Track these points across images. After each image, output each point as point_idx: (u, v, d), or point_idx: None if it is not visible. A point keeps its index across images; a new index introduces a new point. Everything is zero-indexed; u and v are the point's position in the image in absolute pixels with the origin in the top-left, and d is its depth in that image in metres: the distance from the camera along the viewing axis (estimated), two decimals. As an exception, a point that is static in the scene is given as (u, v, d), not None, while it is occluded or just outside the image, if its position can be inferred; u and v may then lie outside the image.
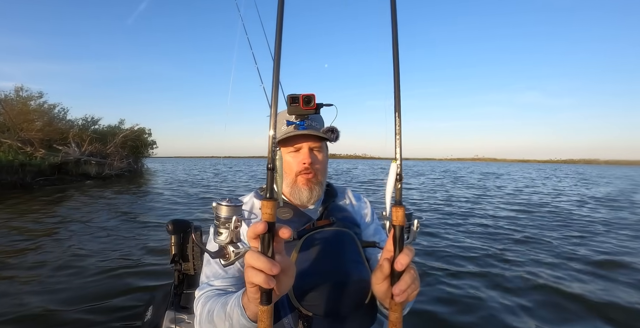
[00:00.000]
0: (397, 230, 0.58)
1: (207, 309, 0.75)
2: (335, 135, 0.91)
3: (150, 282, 3.06)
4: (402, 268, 0.57)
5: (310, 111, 0.86)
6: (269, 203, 0.51)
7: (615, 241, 4.78)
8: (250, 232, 0.52)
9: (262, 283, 0.50)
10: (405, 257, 0.57)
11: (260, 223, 0.50)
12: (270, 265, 0.50)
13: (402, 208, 0.57)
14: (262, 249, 0.52)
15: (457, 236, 4.96)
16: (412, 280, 0.58)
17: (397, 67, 0.57)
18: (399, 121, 0.56)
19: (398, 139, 0.56)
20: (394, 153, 0.56)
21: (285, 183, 0.93)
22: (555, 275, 3.36)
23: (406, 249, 0.58)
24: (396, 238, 0.58)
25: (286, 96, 0.87)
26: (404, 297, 0.57)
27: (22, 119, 13.80)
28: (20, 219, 5.91)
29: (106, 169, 15.17)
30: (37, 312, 2.50)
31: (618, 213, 7.49)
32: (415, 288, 0.59)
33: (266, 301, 0.52)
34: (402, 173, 0.57)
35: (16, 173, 11.04)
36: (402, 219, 0.57)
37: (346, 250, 0.87)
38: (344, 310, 0.81)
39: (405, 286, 0.57)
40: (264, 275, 0.50)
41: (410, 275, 0.58)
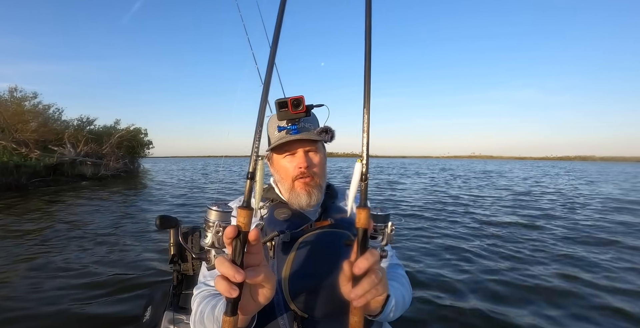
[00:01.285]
0: (360, 232, 0.55)
1: (199, 310, 0.76)
2: (329, 135, 0.90)
3: (148, 283, 3.05)
4: (359, 272, 0.55)
5: (300, 115, 0.84)
6: (243, 212, 0.51)
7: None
8: (224, 236, 0.51)
9: (224, 292, 0.49)
10: (364, 261, 0.54)
11: (230, 227, 0.50)
12: (233, 272, 0.48)
13: (365, 210, 0.55)
14: (232, 256, 0.51)
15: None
16: (370, 286, 0.56)
17: (369, 62, 0.55)
18: (367, 117, 0.54)
19: (365, 136, 0.54)
20: (361, 151, 0.54)
21: (284, 188, 0.93)
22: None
23: (368, 253, 0.55)
24: (359, 240, 0.56)
25: (274, 101, 0.84)
26: (361, 302, 0.55)
27: (17, 120, 13.66)
28: (16, 220, 5.86)
29: (102, 170, 15.08)
30: (35, 313, 2.49)
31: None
32: (377, 293, 0.57)
33: (231, 312, 0.50)
34: (367, 173, 0.55)
35: (11, 175, 10.94)
36: (365, 221, 0.55)
37: (344, 251, 0.85)
38: (340, 311, 0.79)
39: (361, 291, 0.55)
40: (227, 282, 0.49)
41: (369, 280, 0.56)
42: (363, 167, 0.54)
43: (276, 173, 0.95)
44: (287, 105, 0.83)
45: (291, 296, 0.78)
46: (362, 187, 0.55)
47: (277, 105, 0.85)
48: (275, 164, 0.94)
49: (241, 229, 0.50)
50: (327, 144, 0.97)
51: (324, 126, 0.91)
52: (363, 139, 0.54)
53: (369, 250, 0.56)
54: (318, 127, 0.93)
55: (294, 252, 0.82)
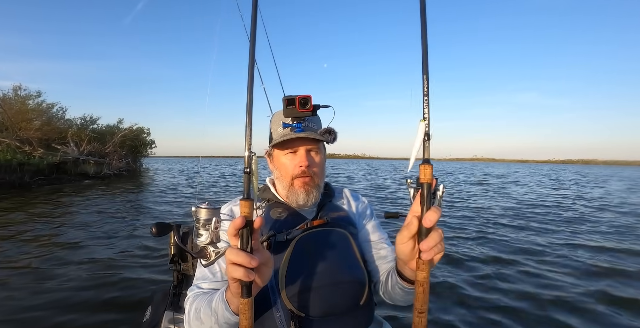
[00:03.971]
0: (425, 187, 0.57)
1: (194, 307, 0.76)
2: (332, 136, 0.90)
3: (149, 282, 3.06)
4: (430, 224, 0.56)
5: (306, 114, 0.85)
6: (246, 203, 0.57)
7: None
8: (231, 228, 0.56)
9: (243, 277, 0.55)
10: (433, 214, 0.56)
11: (239, 218, 0.55)
12: (249, 259, 0.55)
13: (430, 166, 0.57)
14: (241, 245, 0.57)
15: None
16: (439, 238, 0.57)
17: (425, 25, 0.58)
18: (427, 82, 0.58)
19: (426, 99, 0.58)
20: (422, 112, 0.58)
21: (282, 185, 0.94)
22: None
23: (434, 207, 0.57)
24: (424, 196, 0.57)
25: (282, 98, 0.85)
26: (431, 255, 0.56)
27: (21, 118, 13.74)
28: (18, 218, 5.89)
29: (105, 169, 15.14)
30: (34, 313, 2.49)
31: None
32: (441, 249, 0.58)
33: (247, 294, 0.58)
34: (429, 132, 0.58)
35: (14, 173, 11.01)
36: (430, 177, 0.57)
37: (340, 250, 0.86)
38: (337, 310, 0.81)
39: (433, 243, 0.56)
40: (244, 269, 0.55)
41: (438, 233, 0.57)
42: (426, 127, 0.58)
43: (276, 169, 0.95)
44: (295, 103, 0.84)
45: (288, 295, 0.78)
46: (425, 145, 0.58)
47: (284, 102, 0.85)
48: (275, 160, 0.95)
49: (247, 218, 0.56)
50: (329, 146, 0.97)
51: (327, 127, 0.92)
52: (424, 101, 0.58)
53: (433, 206, 0.58)
54: (321, 128, 0.94)
55: (290, 251, 0.83)
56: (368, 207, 1.06)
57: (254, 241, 0.57)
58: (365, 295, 0.85)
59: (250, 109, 0.59)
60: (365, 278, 0.85)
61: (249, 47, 0.63)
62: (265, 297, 0.80)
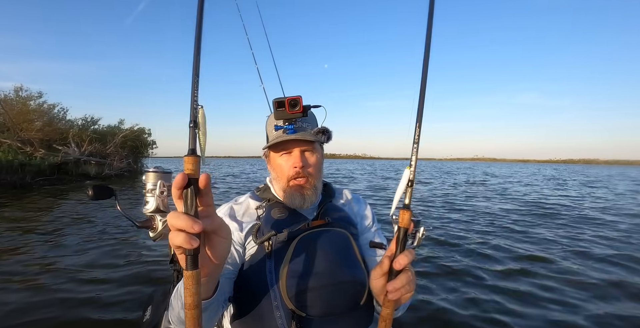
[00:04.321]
0: (402, 231, 0.61)
1: (171, 296, 0.74)
2: (326, 136, 0.90)
3: (149, 282, 3.06)
4: (400, 267, 0.60)
5: (297, 115, 0.85)
6: (189, 159, 0.48)
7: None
8: (173, 188, 0.49)
9: (184, 243, 0.47)
10: (404, 258, 0.60)
11: (179, 175, 0.47)
12: (191, 223, 0.47)
13: (408, 212, 0.60)
14: (185, 208, 0.49)
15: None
16: (407, 281, 0.61)
17: (425, 76, 0.59)
18: (419, 130, 0.59)
19: (415, 147, 0.59)
20: (410, 159, 0.59)
21: (278, 186, 0.94)
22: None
23: (407, 251, 0.60)
24: (399, 238, 0.61)
25: (271, 100, 0.85)
26: (397, 295, 0.61)
27: (22, 119, 13.76)
28: (19, 218, 5.90)
29: (106, 169, 15.15)
30: (33, 313, 2.49)
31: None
32: (409, 290, 0.62)
33: (192, 265, 0.49)
34: (414, 179, 0.60)
35: (16, 173, 11.03)
36: (407, 222, 0.60)
37: (340, 251, 0.86)
38: (338, 310, 0.81)
39: (399, 285, 0.60)
40: (185, 234, 0.47)
41: (406, 276, 0.61)
42: (411, 174, 0.59)
43: (272, 170, 0.95)
44: (285, 105, 0.84)
45: (289, 295, 0.78)
46: (408, 192, 0.60)
47: (274, 104, 0.86)
48: (271, 162, 0.95)
49: (191, 176, 0.48)
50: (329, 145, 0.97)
51: (321, 126, 0.91)
52: (413, 149, 0.59)
53: (407, 249, 0.61)
54: (316, 127, 0.93)
55: (291, 251, 0.83)
56: (369, 210, 1.05)
57: (203, 207, 0.50)
58: (366, 295, 0.84)
59: (198, 55, 0.51)
60: (365, 279, 0.85)
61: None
62: (265, 296, 0.80)
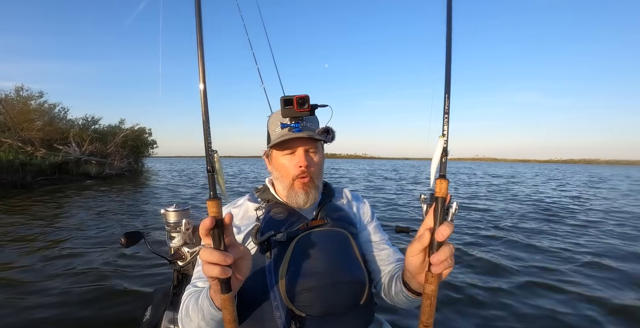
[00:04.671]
0: (440, 201, 0.58)
1: (185, 305, 0.77)
2: (331, 136, 0.90)
3: (148, 283, 3.05)
4: (442, 238, 0.57)
5: (304, 113, 0.85)
6: (213, 202, 0.56)
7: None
8: (201, 229, 0.56)
9: (219, 275, 0.56)
10: (446, 228, 0.56)
11: (207, 219, 0.55)
12: (223, 257, 0.55)
13: (445, 181, 0.58)
14: (214, 244, 0.57)
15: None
16: (450, 253, 0.58)
17: (450, 45, 0.58)
18: (448, 101, 0.58)
19: (446, 117, 0.58)
20: (442, 129, 0.59)
21: (282, 186, 0.93)
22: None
23: (447, 222, 0.58)
24: (438, 209, 0.58)
25: (280, 98, 0.85)
26: (441, 268, 0.57)
27: (23, 118, 13.79)
28: (20, 218, 5.91)
29: (106, 169, 15.16)
30: (33, 313, 2.49)
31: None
32: (451, 264, 0.58)
33: (226, 290, 0.58)
34: (447, 148, 0.59)
35: (17, 173, 11.04)
36: (445, 191, 0.58)
37: (340, 250, 0.86)
38: (338, 310, 0.80)
39: (444, 256, 0.57)
40: (219, 266, 0.55)
41: (449, 248, 0.58)
42: (445, 143, 0.58)
43: (275, 170, 0.95)
44: (293, 102, 0.84)
45: (288, 295, 0.78)
46: (443, 161, 0.59)
47: (282, 102, 0.85)
48: (274, 161, 0.95)
49: (217, 218, 0.56)
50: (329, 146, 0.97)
51: (325, 126, 0.91)
52: (444, 118, 0.58)
53: (446, 221, 0.58)
54: (318, 127, 0.93)
55: (290, 252, 0.82)
56: (368, 208, 1.05)
57: (227, 239, 0.58)
58: (366, 295, 0.84)
59: (206, 102, 0.57)
60: (365, 279, 0.85)
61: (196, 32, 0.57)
62: (265, 297, 0.80)
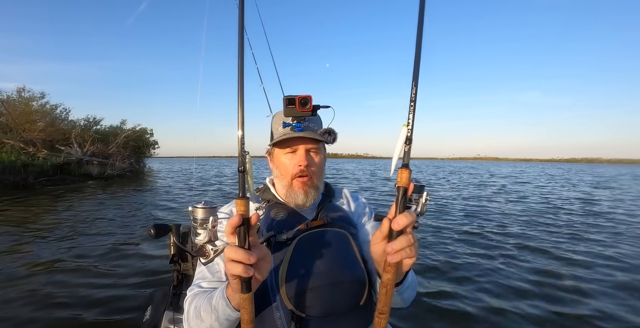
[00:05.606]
0: (401, 191, 0.58)
1: (193, 306, 0.77)
2: (332, 137, 0.91)
3: (148, 282, 3.06)
4: (398, 227, 0.57)
5: (306, 113, 0.86)
6: (241, 201, 0.58)
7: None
8: (228, 226, 0.57)
9: (242, 273, 0.56)
10: (403, 218, 0.57)
11: (236, 216, 0.56)
12: (247, 256, 0.56)
13: (407, 170, 0.58)
14: (239, 242, 0.58)
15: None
16: (407, 243, 0.58)
17: (421, 32, 0.58)
18: (415, 89, 0.58)
19: (412, 105, 0.58)
20: (407, 118, 0.58)
21: (281, 184, 0.94)
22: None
23: (407, 212, 0.58)
24: (398, 199, 0.58)
25: (283, 97, 0.86)
26: (396, 258, 0.58)
27: (25, 119, 13.84)
28: (21, 219, 5.93)
29: (108, 170, 15.21)
30: (34, 313, 2.50)
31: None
32: (410, 254, 0.58)
33: (246, 289, 0.59)
34: (412, 136, 0.58)
35: (19, 173, 11.09)
36: (406, 181, 0.58)
37: (340, 251, 0.86)
38: (338, 311, 0.80)
39: (399, 246, 0.57)
40: (243, 265, 0.56)
41: (407, 238, 0.58)
42: (408, 132, 0.58)
43: (275, 168, 0.96)
44: (295, 102, 0.85)
45: (288, 295, 0.78)
46: (405, 149, 0.58)
47: (285, 101, 0.86)
48: (275, 159, 0.95)
49: (244, 216, 0.57)
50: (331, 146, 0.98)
51: (327, 127, 0.92)
52: (410, 107, 0.58)
53: (407, 210, 0.58)
54: (321, 128, 0.94)
55: (290, 252, 0.82)
56: (367, 207, 1.05)
57: (251, 238, 0.59)
58: (366, 295, 0.84)
59: (242, 106, 0.59)
60: (365, 278, 0.85)
61: (238, 33, 0.60)
62: (265, 297, 0.80)
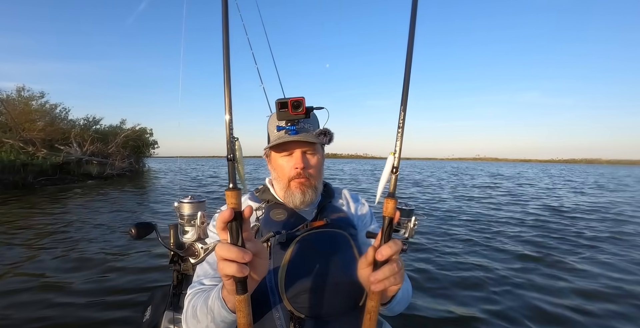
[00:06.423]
0: (386, 220, 0.58)
1: (191, 305, 0.76)
2: (328, 138, 0.90)
3: (148, 283, 3.06)
4: (382, 258, 0.57)
5: (299, 116, 0.85)
6: (232, 193, 0.51)
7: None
8: (219, 221, 0.52)
9: (236, 273, 0.51)
10: (387, 249, 0.57)
11: (226, 210, 0.50)
12: (242, 254, 0.51)
13: (393, 200, 0.57)
14: (231, 239, 0.52)
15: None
16: (390, 272, 0.58)
17: (410, 61, 0.57)
18: (404, 115, 0.56)
19: (399, 132, 0.57)
20: (394, 145, 0.57)
21: (279, 186, 0.94)
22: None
23: (392, 242, 0.58)
24: (384, 228, 0.58)
25: (275, 101, 0.85)
26: (379, 287, 0.58)
27: (24, 119, 13.83)
28: (21, 218, 5.93)
29: (108, 169, 15.20)
30: (34, 313, 2.50)
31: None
32: (394, 282, 0.59)
33: (242, 290, 0.53)
34: (398, 165, 0.57)
35: (18, 173, 11.08)
36: (392, 211, 0.58)
37: (339, 251, 0.86)
38: (337, 311, 0.80)
39: (381, 276, 0.57)
40: (237, 264, 0.51)
41: (390, 268, 0.58)
42: (395, 160, 0.57)
43: (273, 170, 0.96)
44: (287, 106, 0.84)
45: (288, 296, 0.78)
46: (392, 179, 0.58)
47: (277, 105, 0.86)
48: (272, 162, 0.95)
49: (236, 210, 0.51)
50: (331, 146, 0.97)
51: (322, 128, 0.91)
52: (397, 134, 0.56)
53: (392, 239, 0.59)
54: (318, 128, 0.93)
55: (290, 252, 0.82)
56: (367, 209, 1.05)
57: (244, 233, 0.53)
58: (365, 296, 0.84)
59: (229, 87, 0.52)
60: None
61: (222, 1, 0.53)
62: (264, 298, 0.79)
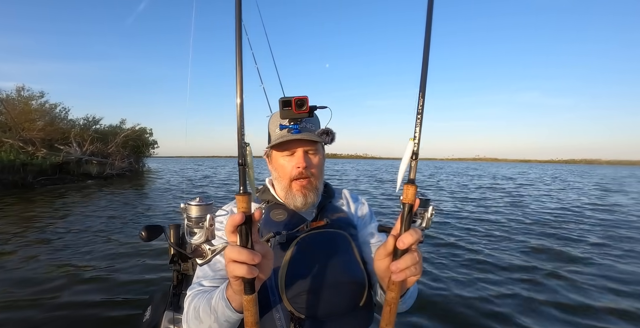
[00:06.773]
0: (406, 208, 0.57)
1: (193, 306, 0.75)
2: (330, 137, 0.90)
3: (148, 282, 3.07)
4: (404, 246, 0.56)
5: (303, 115, 0.85)
6: (243, 197, 0.54)
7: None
8: (229, 225, 0.54)
9: (246, 274, 0.53)
10: (409, 236, 0.56)
11: (238, 214, 0.52)
12: (252, 256, 0.53)
13: (413, 186, 0.56)
14: (240, 242, 0.54)
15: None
16: (412, 262, 0.57)
17: (428, 45, 0.55)
18: (422, 100, 0.55)
19: (419, 118, 0.56)
20: (414, 131, 0.56)
21: (280, 186, 0.93)
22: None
23: (413, 230, 0.57)
24: (404, 216, 0.57)
25: (279, 99, 0.85)
26: (400, 277, 0.57)
27: (24, 118, 13.83)
28: (20, 218, 5.92)
29: (107, 169, 15.20)
30: (34, 313, 2.50)
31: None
32: (415, 272, 0.58)
33: (250, 290, 0.55)
34: (418, 151, 0.56)
35: (17, 173, 11.08)
36: (412, 197, 0.56)
37: (340, 252, 0.86)
38: (337, 311, 0.80)
39: (404, 265, 0.56)
40: (247, 266, 0.53)
41: (412, 257, 0.57)
42: (415, 146, 0.56)
43: (274, 170, 0.95)
44: (291, 104, 0.84)
45: (288, 296, 0.78)
46: (412, 165, 0.57)
47: (280, 103, 0.85)
48: (273, 161, 0.94)
49: (246, 214, 0.53)
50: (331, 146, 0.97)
51: (325, 127, 0.91)
52: (416, 119, 0.56)
53: (412, 228, 0.57)
54: (319, 128, 0.93)
55: (290, 253, 0.82)
56: (367, 209, 1.05)
57: (252, 235, 0.55)
58: (365, 296, 0.84)
59: (241, 94, 0.54)
60: (365, 280, 0.85)
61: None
62: (265, 298, 0.79)
